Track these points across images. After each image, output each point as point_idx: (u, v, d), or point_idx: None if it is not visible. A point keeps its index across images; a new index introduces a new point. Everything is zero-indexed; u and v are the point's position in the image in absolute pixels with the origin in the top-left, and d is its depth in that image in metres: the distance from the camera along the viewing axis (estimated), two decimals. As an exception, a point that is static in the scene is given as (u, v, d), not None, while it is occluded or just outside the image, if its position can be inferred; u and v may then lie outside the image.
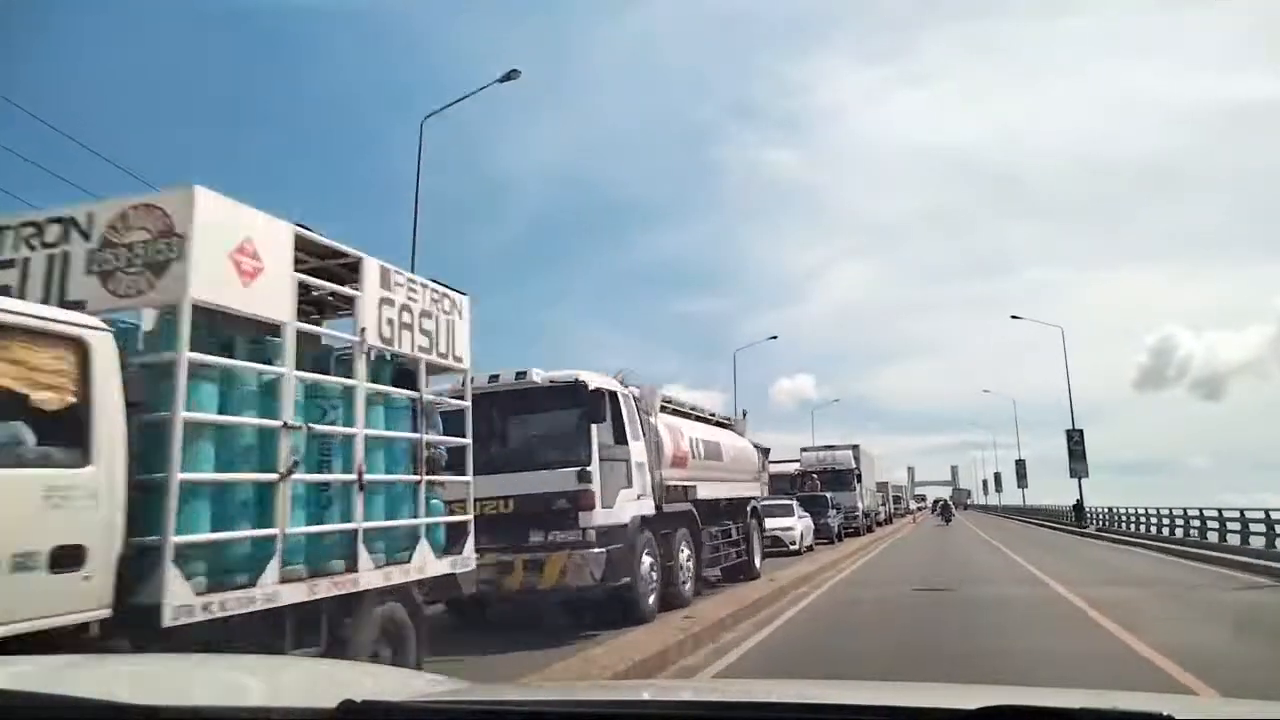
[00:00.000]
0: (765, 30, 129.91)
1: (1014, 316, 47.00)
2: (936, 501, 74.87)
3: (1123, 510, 30.55)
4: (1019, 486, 70.74)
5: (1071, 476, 42.90)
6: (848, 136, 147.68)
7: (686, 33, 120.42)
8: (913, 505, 78.80)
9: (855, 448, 32.66)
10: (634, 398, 9.60)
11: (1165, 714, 1.33)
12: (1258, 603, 11.05)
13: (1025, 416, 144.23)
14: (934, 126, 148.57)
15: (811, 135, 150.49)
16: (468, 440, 6.32)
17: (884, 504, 44.22)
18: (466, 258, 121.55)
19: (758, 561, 13.62)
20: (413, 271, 6.25)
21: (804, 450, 32.65)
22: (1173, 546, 20.52)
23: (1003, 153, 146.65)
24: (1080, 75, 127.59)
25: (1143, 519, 27.11)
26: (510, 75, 18.86)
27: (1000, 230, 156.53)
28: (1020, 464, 70.81)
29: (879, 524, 37.72)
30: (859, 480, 30.69)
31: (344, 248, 5.34)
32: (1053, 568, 15.69)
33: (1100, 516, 33.58)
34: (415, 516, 5.56)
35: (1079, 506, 35.44)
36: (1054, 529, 36.68)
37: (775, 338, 59.64)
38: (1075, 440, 42.91)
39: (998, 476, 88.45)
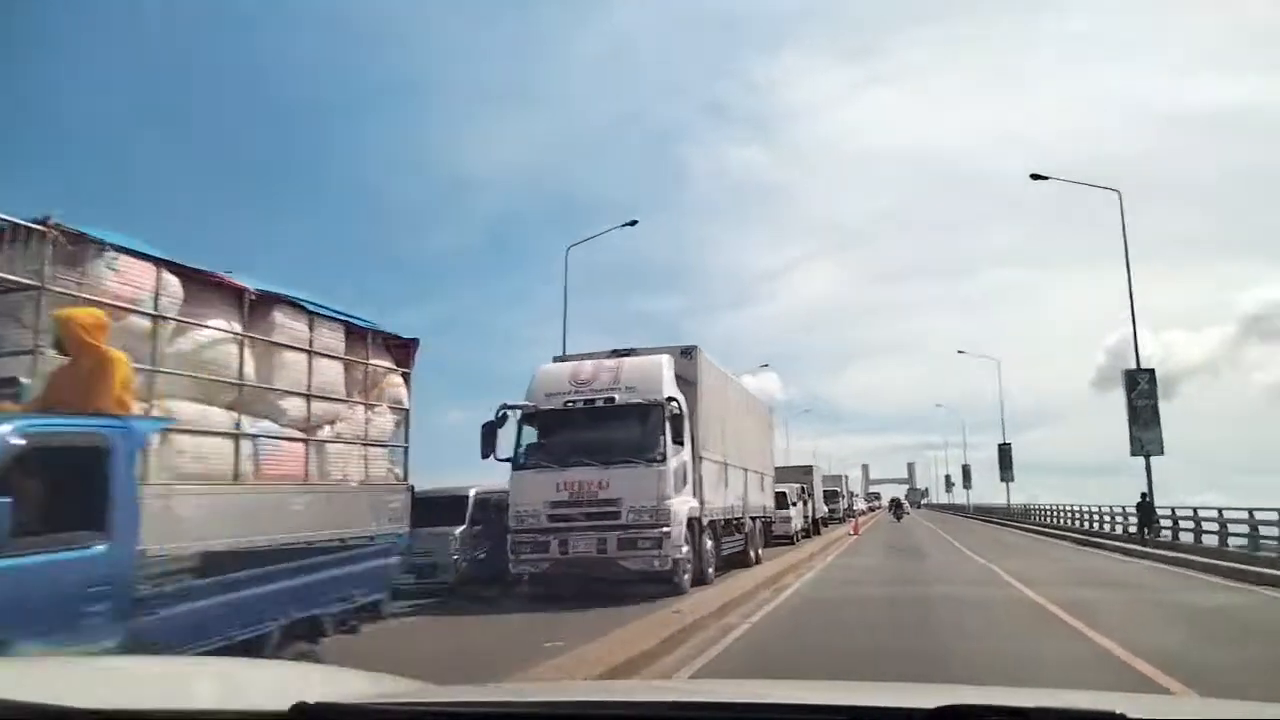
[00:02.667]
0: (736, 29, 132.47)
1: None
2: (892, 500, 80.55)
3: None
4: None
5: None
6: (816, 136, 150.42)
7: (657, 31, 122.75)
8: (862, 505, 73.72)
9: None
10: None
11: (1118, 712, 1.37)
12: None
13: (978, 418, 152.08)
14: (902, 128, 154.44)
15: (779, 135, 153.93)
16: None
17: (804, 502, 30.48)
18: (431, 256, 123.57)
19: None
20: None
21: None
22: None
23: (970, 155, 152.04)
24: (1048, 79, 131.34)
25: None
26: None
27: (965, 232, 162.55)
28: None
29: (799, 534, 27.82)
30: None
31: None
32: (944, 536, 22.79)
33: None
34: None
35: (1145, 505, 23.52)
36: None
37: (634, 222, 65.73)
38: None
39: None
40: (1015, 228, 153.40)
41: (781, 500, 24.83)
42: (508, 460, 12.39)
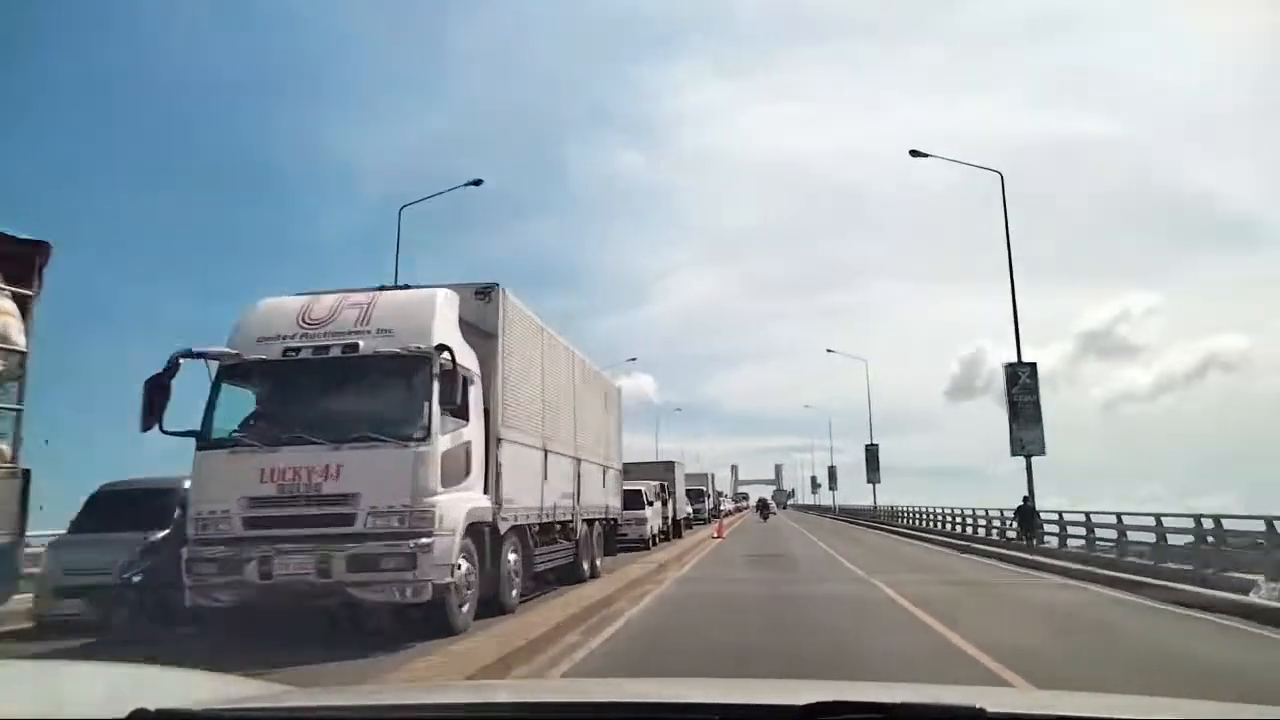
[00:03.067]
0: (626, 34, 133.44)
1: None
2: (760, 500, 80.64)
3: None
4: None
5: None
6: (701, 146, 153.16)
7: (548, 30, 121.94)
8: (730, 505, 74.19)
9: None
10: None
11: (979, 707, 1.43)
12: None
13: (844, 422, 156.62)
14: (783, 142, 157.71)
15: (665, 142, 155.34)
16: None
17: (664, 501, 27.37)
18: (319, 243, 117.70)
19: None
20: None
21: None
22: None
23: (847, 171, 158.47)
24: (917, 102, 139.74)
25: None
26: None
27: (839, 244, 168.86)
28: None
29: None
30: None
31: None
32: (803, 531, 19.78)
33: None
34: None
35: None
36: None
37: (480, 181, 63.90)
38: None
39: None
40: (881, 242, 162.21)
41: (635, 499, 21.44)
42: (189, 435, 8.14)
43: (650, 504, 23.11)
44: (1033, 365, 23.19)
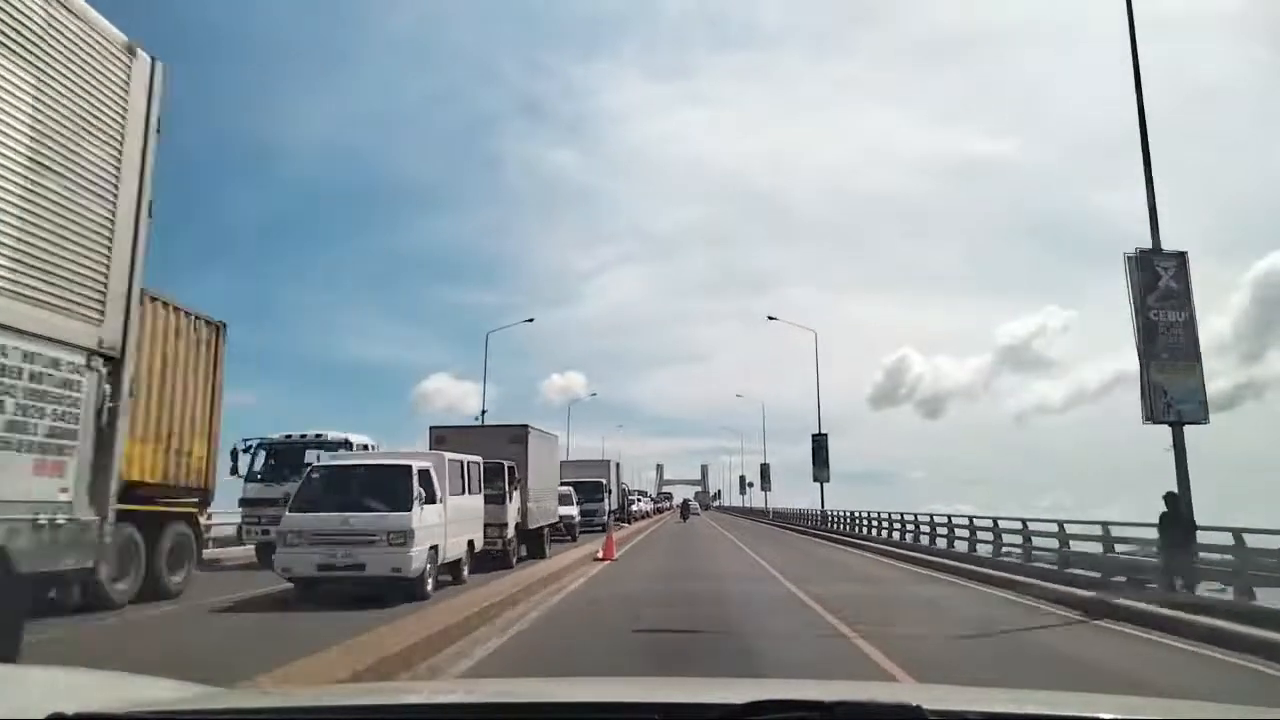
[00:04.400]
0: (555, 30, 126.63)
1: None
2: (683, 501, 78.56)
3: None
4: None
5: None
6: (629, 146, 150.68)
7: (475, 18, 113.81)
8: (647, 506, 63.16)
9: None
10: None
11: (915, 705, 1.40)
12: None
13: (773, 426, 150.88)
14: (711, 146, 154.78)
15: (594, 141, 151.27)
16: None
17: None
18: (224, 226, 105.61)
19: None
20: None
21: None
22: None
23: (771, 177, 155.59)
24: (841, 113, 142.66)
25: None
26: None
27: (765, 250, 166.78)
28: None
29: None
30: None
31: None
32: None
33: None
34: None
35: None
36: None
37: (531, 320, 61.75)
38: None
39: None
40: (805, 248, 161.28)
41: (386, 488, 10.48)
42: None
43: (420, 503, 11.16)
44: (1182, 255, 12.50)
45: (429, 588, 10.70)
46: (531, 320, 61.48)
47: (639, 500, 59.11)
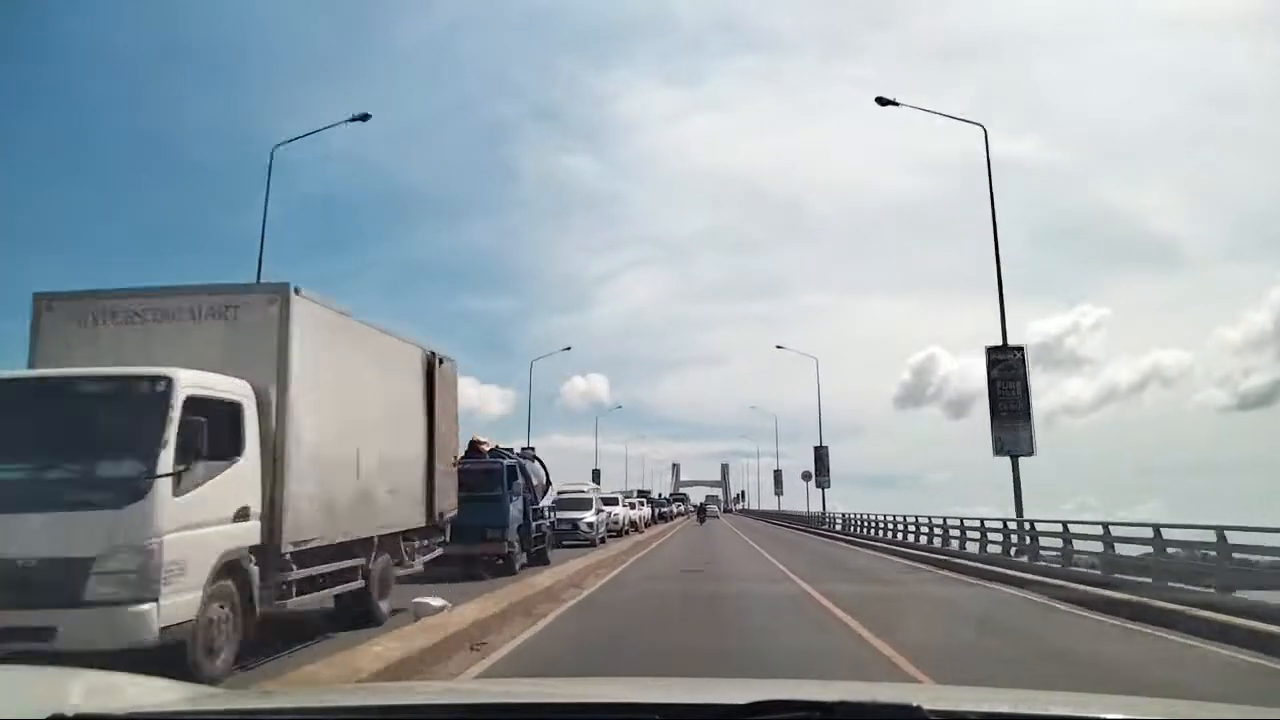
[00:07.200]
0: (570, 38, 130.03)
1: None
2: (700, 504, 78.71)
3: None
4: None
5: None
6: (644, 152, 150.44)
7: (491, 28, 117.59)
8: (645, 513, 43.29)
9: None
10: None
11: (915, 704, 1.44)
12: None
13: (790, 429, 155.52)
14: (726, 151, 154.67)
15: (610, 146, 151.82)
16: None
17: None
18: (247, 235, 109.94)
19: None
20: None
21: None
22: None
23: (785, 182, 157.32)
24: (853, 117, 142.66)
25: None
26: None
27: (780, 254, 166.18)
28: (777, 474, 78.45)
29: None
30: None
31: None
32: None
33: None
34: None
35: None
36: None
37: (569, 349, 61.82)
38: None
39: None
40: (823, 252, 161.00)
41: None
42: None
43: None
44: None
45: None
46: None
47: (636, 504, 40.81)
